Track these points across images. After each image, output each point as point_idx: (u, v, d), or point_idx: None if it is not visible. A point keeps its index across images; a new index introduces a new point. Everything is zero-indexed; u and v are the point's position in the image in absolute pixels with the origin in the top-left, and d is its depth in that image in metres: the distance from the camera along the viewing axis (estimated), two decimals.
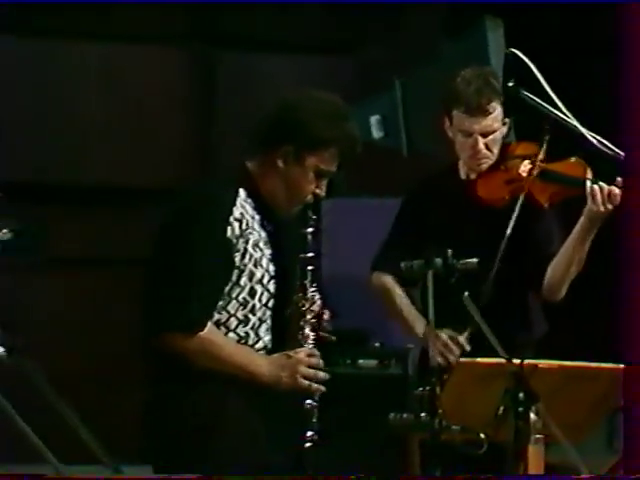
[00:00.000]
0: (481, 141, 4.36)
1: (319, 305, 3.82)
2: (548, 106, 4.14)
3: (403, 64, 6.84)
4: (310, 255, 3.80)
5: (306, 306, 3.79)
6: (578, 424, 3.71)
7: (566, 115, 4.13)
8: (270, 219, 3.81)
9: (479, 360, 3.67)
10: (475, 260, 4.21)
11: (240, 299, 3.74)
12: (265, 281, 3.76)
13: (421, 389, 3.52)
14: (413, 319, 4.47)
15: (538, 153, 4.33)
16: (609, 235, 4.28)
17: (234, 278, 3.72)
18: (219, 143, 7.38)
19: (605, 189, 4.19)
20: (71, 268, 7.31)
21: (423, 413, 3.49)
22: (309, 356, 3.76)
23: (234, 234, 3.69)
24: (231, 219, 3.69)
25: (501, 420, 3.58)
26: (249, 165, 3.81)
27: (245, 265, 3.72)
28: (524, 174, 4.35)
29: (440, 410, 3.48)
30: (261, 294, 3.76)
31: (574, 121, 4.12)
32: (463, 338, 4.29)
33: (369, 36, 7.52)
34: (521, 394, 3.54)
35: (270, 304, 3.78)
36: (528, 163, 4.35)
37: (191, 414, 3.67)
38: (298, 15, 7.51)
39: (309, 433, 3.73)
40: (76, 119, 7.44)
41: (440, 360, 4.21)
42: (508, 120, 4.41)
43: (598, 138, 4.09)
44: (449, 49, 6.33)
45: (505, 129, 4.42)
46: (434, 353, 4.10)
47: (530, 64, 4.12)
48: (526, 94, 4.16)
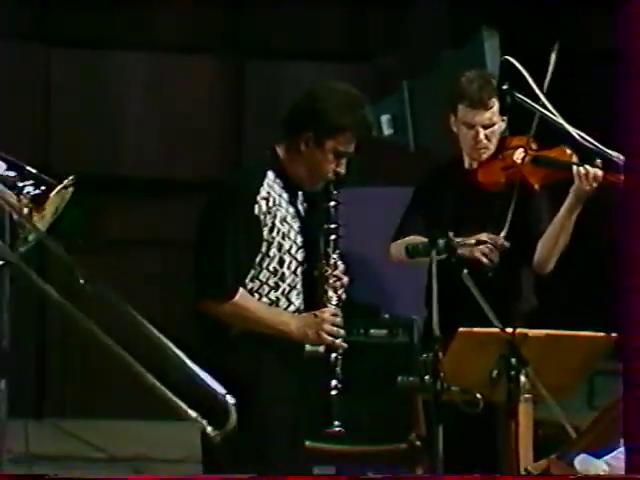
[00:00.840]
0: (482, 132, 4.35)
1: (341, 270, 3.79)
2: (537, 105, 4.12)
3: (410, 70, 6.84)
4: (333, 226, 3.77)
5: (329, 271, 3.76)
6: (562, 385, 3.69)
7: (552, 113, 4.12)
8: (297, 195, 3.80)
9: (476, 329, 3.64)
10: (473, 240, 4.22)
11: (270, 268, 3.72)
12: (293, 251, 3.75)
13: (425, 355, 3.51)
14: None
15: (529, 143, 4.33)
16: (591, 220, 4.31)
17: (264, 250, 3.71)
18: (249, 140, 7.38)
19: (590, 170, 4.19)
20: (135, 248, 7.38)
21: (427, 376, 3.48)
22: (333, 315, 3.73)
23: (261, 211, 3.68)
24: (258, 198, 3.68)
25: (495, 382, 3.57)
26: (278, 149, 3.80)
27: (273, 238, 3.71)
28: (518, 161, 4.35)
29: (442, 373, 3.47)
30: (289, 263, 3.74)
31: (559, 118, 4.12)
32: (502, 238, 4.28)
33: (380, 45, 7.49)
34: (513, 359, 3.53)
35: (299, 271, 3.77)
36: (522, 151, 4.35)
37: (231, 373, 3.67)
38: (318, 27, 7.50)
39: (334, 382, 3.70)
40: (129, 120, 7.46)
41: (485, 261, 4.23)
42: (506, 117, 4.41)
43: (578, 132, 4.09)
44: (450, 57, 6.30)
45: (503, 125, 4.41)
46: (478, 257, 4.19)
47: (522, 69, 4.10)
48: (518, 95, 4.14)
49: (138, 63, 7.48)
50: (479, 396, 3.59)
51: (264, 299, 3.72)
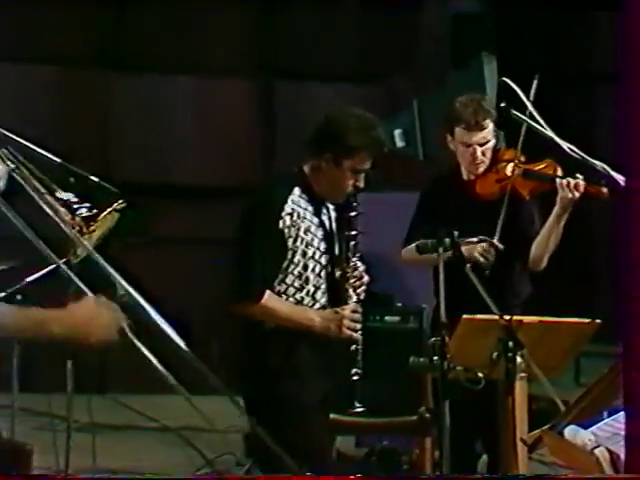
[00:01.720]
0: (479, 150, 4.32)
1: (360, 272, 3.79)
2: (531, 121, 4.08)
3: (419, 90, 6.81)
4: (353, 233, 3.77)
5: (349, 272, 3.76)
6: (553, 365, 3.66)
7: (544, 127, 4.08)
8: (321, 207, 3.78)
9: (478, 317, 3.63)
10: (475, 239, 4.20)
11: (295, 272, 3.72)
12: (317, 256, 3.74)
13: (433, 339, 3.50)
14: None
15: (520, 157, 4.31)
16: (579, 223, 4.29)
17: (289, 257, 3.70)
18: (280, 153, 7.38)
19: (572, 182, 4.17)
20: (179, 245, 7.38)
21: (435, 357, 3.47)
22: (352, 312, 3.74)
23: (285, 225, 3.68)
24: (283, 214, 3.67)
25: (495, 362, 3.54)
26: (304, 168, 3.78)
27: (297, 247, 3.71)
28: (510, 174, 4.33)
29: (448, 355, 3.45)
30: (314, 267, 3.73)
31: (550, 132, 4.07)
32: (496, 240, 4.26)
33: (392, 69, 7.47)
34: (510, 343, 3.51)
35: (323, 273, 3.75)
36: (513, 165, 4.32)
37: (268, 359, 3.67)
38: (338, 53, 7.48)
39: (354, 370, 3.72)
40: (177, 135, 7.47)
41: (482, 260, 4.21)
42: (497, 132, 4.39)
43: (568, 145, 4.05)
44: (454, 78, 6.27)
45: (495, 140, 4.39)
46: (477, 257, 4.17)
47: (517, 89, 4.06)
48: (515, 113, 4.10)
49: (184, 86, 7.49)
50: (480, 375, 3.57)
51: (291, 299, 3.72)
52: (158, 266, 7.18)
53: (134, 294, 2.59)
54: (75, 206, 2.87)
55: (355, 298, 3.76)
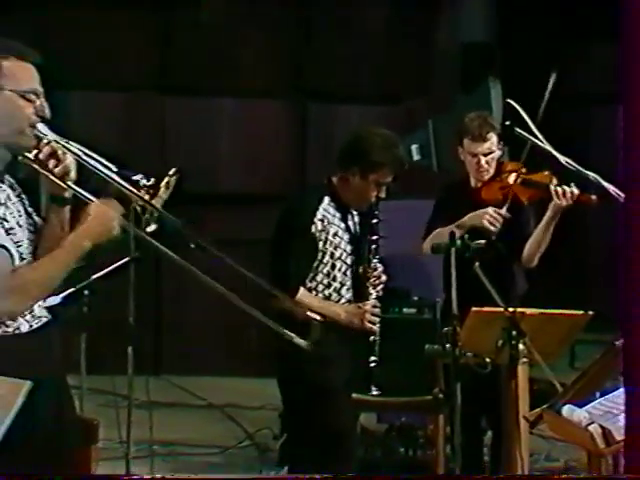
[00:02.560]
0: (483, 159, 4.33)
1: (380, 271, 3.80)
2: (533, 138, 4.05)
3: (434, 111, 6.79)
4: (374, 237, 3.79)
5: (370, 272, 3.77)
6: (551, 351, 3.63)
7: (544, 143, 4.06)
8: (347, 214, 3.79)
9: (485, 309, 3.60)
10: (483, 241, 4.16)
11: (324, 271, 3.74)
12: (343, 257, 3.75)
13: (446, 329, 3.47)
14: None
15: (521, 168, 4.30)
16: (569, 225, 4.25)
17: (319, 257, 3.72)
18: (310, 166, 7.38)
19: (566, 190, 4.16)
20: (224, 247, 7.36)
21: (447, 345, 3.44)
22: (372, 307, 3.76)
23: (317, 230, 3.69)
24: (315, 220, 3.69)
25: (500, 349, 3.52)
26: (333, 179, 3.79)
27: (326, 249, 3.72)
28: (512, 182, 4.31)
29: (459, 343, 3.42)
30: (340, 266, 3.75)
31: (549, 147, 4.05)
32: (504, 211, 4.23)
33: (411, 92, 7.44)
34: (514, 332, 3.49)
35: (348, 272, 3.77)
36: (515, 175, 4.31)
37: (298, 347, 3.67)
38: (362, 77, 7.46)
39: (372, 358, 3.74)
40: (221, 151, 7.48)
41: (491, 227, 4.18)
42: (502, 146, 4.38)
43: (566, 159, 4.02)
44: (464, 100, 6.25)
45: (500, 153, 4.38)
46: (486, 224, 4.14)
47: (520, 109, 4.04)
48: (518, 130, 4.08)
49: (229, 107, 7.51)
50: (488, 360, 3.56)
51: (320, 295, 3.74)
52: (207, 263, 7.18)
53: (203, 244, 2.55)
54: (134, 178, 2.83)
55: (374, 295, 3.78)
